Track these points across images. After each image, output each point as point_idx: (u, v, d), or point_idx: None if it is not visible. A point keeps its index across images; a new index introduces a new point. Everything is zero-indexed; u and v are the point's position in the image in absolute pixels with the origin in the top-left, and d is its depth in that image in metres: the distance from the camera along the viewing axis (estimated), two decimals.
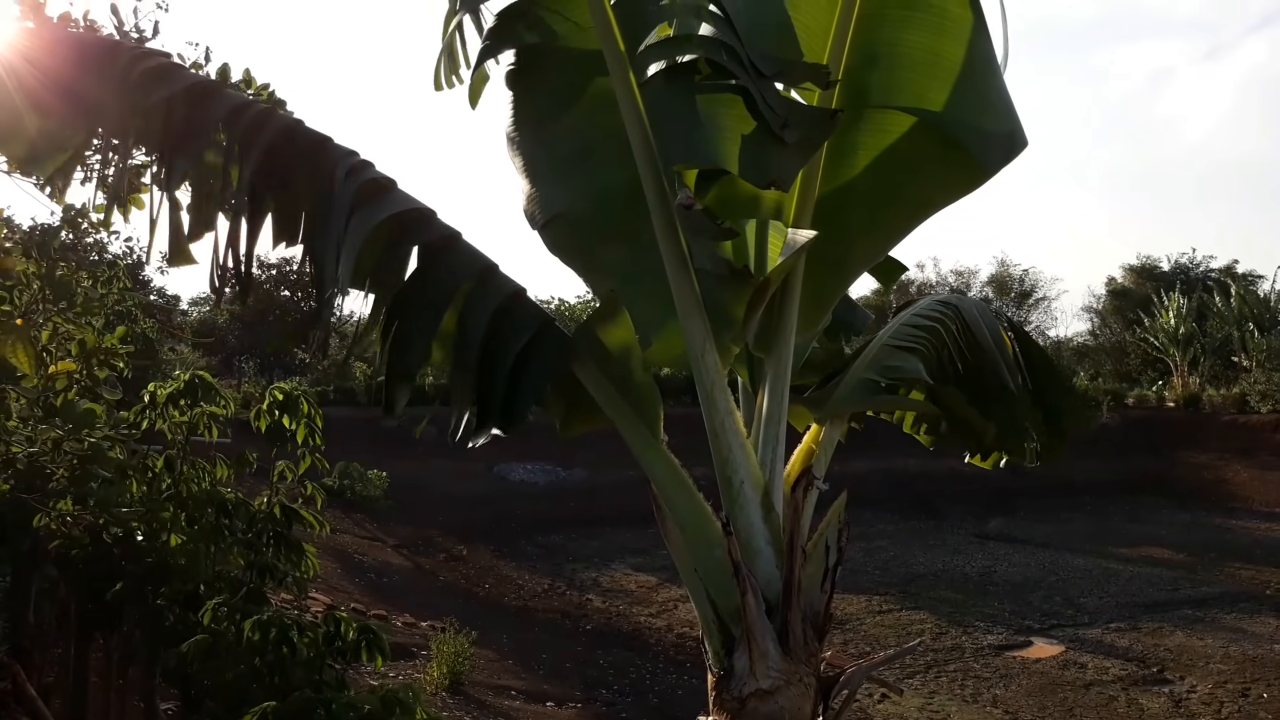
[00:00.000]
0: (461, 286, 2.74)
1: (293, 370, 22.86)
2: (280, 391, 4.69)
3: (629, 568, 16.63)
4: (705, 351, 2.58)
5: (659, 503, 2.73)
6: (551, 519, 19.74)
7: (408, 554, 16.99)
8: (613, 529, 18.49)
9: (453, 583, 15.62)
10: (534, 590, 15.35)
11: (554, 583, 15.77)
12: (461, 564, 16.87)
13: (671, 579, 15.35)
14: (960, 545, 19.06)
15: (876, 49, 2.64)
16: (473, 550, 17.70)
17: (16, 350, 2.77)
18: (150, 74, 2.84)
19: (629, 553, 17.40)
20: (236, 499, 4.73)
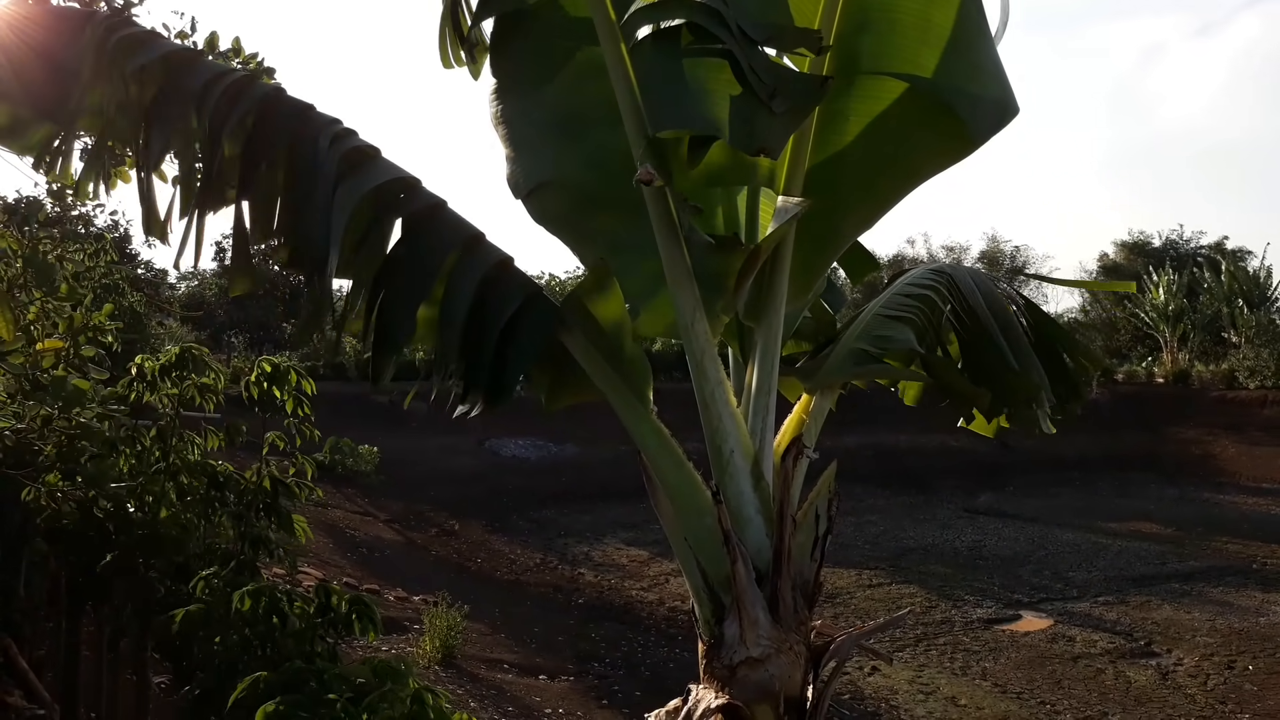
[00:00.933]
0: (448, 256, 2.72)
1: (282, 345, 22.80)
2: (269, 363, 4.67)
3: (620, 542, 16.70)
4: (695, 321, 2.57)
5: (649, 473, 2.72)
6: (543, 494, 19.79)
7: (399, 529, 17.03)
8: (604, 504, 18.56)
9: (445, 557, 15.66)
10: (526, 565, 15.41)
11: (546, 557, 15.83)
12: (453, 539, 16.91)
13: (663, 553, 15.42)
14: (950, 520, 19.18)
15: (868, 15, 2.61)
16: (465, 525, 17.74)
17: None
18: (126, 42, 2.79)
19: (621, 527, 17.46)
20: (227, 471, 4.72)
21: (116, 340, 6.38)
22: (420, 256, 2.67)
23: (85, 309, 6.31)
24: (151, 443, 5.26)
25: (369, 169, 2.71)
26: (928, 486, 22.07)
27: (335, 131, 2.74)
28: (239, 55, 6.06)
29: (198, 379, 5.13)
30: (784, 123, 2.36)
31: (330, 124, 2.77)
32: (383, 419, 19.96)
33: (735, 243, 2.53)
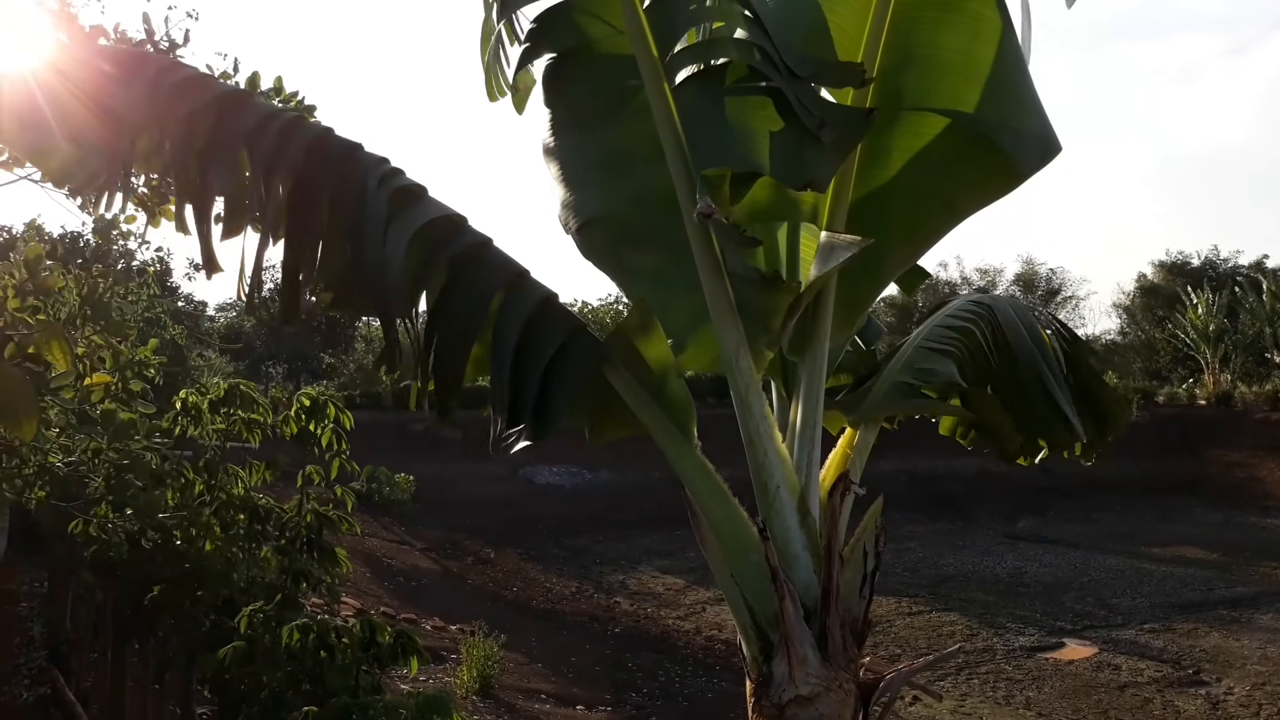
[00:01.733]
0: (495, 294, 2.75)
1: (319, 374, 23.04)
2: (307, 397, 4.72)
3: (656, 570, 16.64)
4: (739, 356, 2.57)
5: (694, 509, 2.72)
6: (578, 521, 19.79)
7: (435, 557, 17.08)
8: (639, 531, 18.52)
9: (480, 586, 15.68)
10: (561, 593, 15.38)
11: (581, 585, 15.80)
12: (489, 567, 16.93)
13: (699, 581, 15.34)
14: (989, 546, 18.94)
15: (911, 51, 2.62)
16: (500, 553, 17.77)
17: (52, 348, 2.80)
18: (180, 85, 2.86)
19: (655, 555, 17.41)
20: (269, 505, 4.77)
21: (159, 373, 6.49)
22: (469, 295, 2.70)
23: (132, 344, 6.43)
24: (196, 476, 5.33)
25: (417, 209, 2.75)
26: (966, 512, 21.82)
27: (383, 171, 2.78)
28: (280, 94, 6.16)
29: (244, 414, 5.20)
30: (830, 156, 2.37)
31: (378, 163, 2.81)
32: (417, 447, 20.10)
33: (778, 280, 2.54)
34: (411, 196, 2.78)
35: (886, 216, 2.74)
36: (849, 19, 2.67)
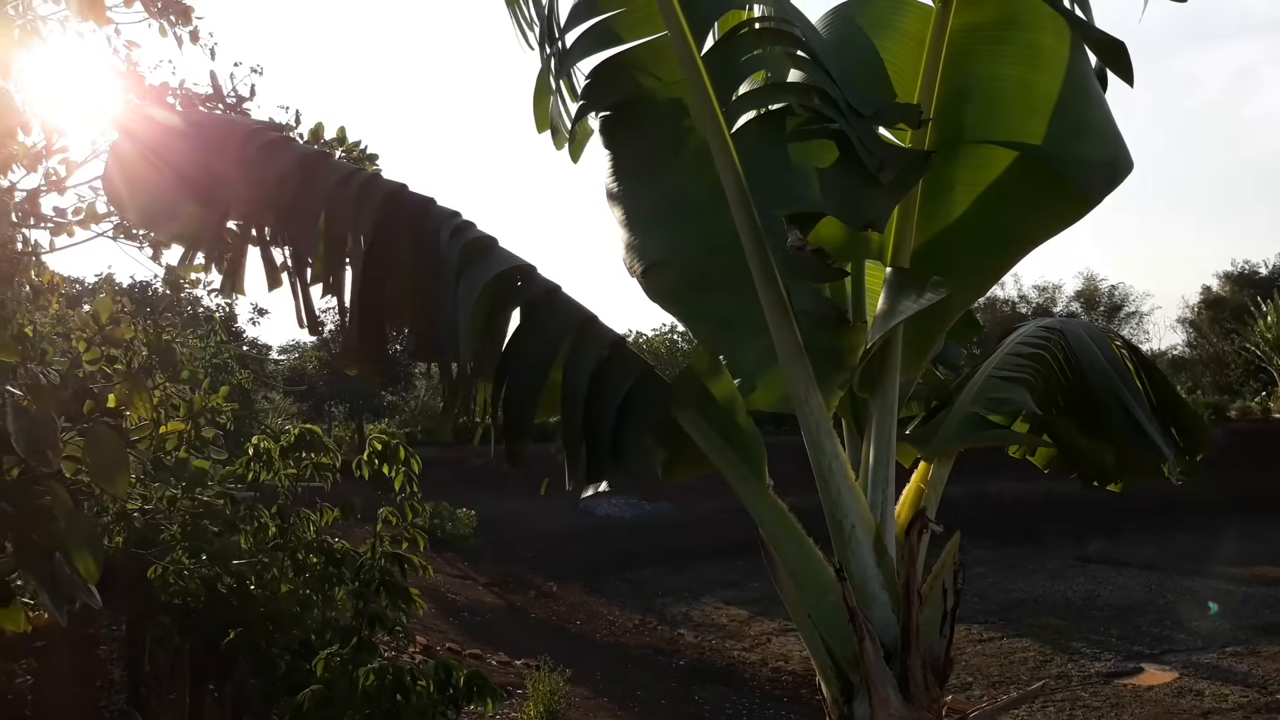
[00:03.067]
0: (565, 339, 2.79)
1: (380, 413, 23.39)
2: (380, 441, 4.81)
3: (719, 601, 16.51)
4: (809, 395, 2.58)
5: (767, 549, 2.73)
6: (639, 553, 19.73)
7: (498, 592, 17.14)
8: (701, 562, 18.41)
9: (544, 620, 15.69)
10: (625, 626, 15.33)
11: (645, 618, 15.73)
12: (552, 601, 16.94)
13: (763, 612, 15.19)
14: (1060, 569, 18.49)
15: (968, 84, 2.63)
16: (562, 587, 17.77)
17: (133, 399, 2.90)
18: (266, 149, 2.98)
19: (718, 586, 17.27)
20: (344, 548, 4.85)
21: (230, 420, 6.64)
22: (540, 342, 2.75)
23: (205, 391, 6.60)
24: (270, 520, 5.44)
25: (487, 260, 2.81)
26: (1035, 535, 21.35)
27: (455, 225, 2.85)
28: (344, 144, 6.34)
29: (315, 458, 5.30)
30: (890, 196, 2.38)
31: (450, 217, 2.89)
32: (478, 482, 20.26)
33: (846, 319, 2.54)
34: (482, 248, 2.84)
35: (953, 251, 2.73)
36: (904, 56, 2.69)
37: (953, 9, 2.58)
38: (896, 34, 2.70)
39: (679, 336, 26.79)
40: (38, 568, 1.94)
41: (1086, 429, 3.32)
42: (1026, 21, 2.53)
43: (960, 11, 2.58)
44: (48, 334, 7.75)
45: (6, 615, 2.00)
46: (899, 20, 2.72)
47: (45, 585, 1.92)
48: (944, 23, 2.59)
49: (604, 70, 2.75)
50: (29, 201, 7.10)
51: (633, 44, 2.68)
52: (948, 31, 2.59)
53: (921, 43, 2.63)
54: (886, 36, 2.70)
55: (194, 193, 3.15)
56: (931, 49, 2.61)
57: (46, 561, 1.95)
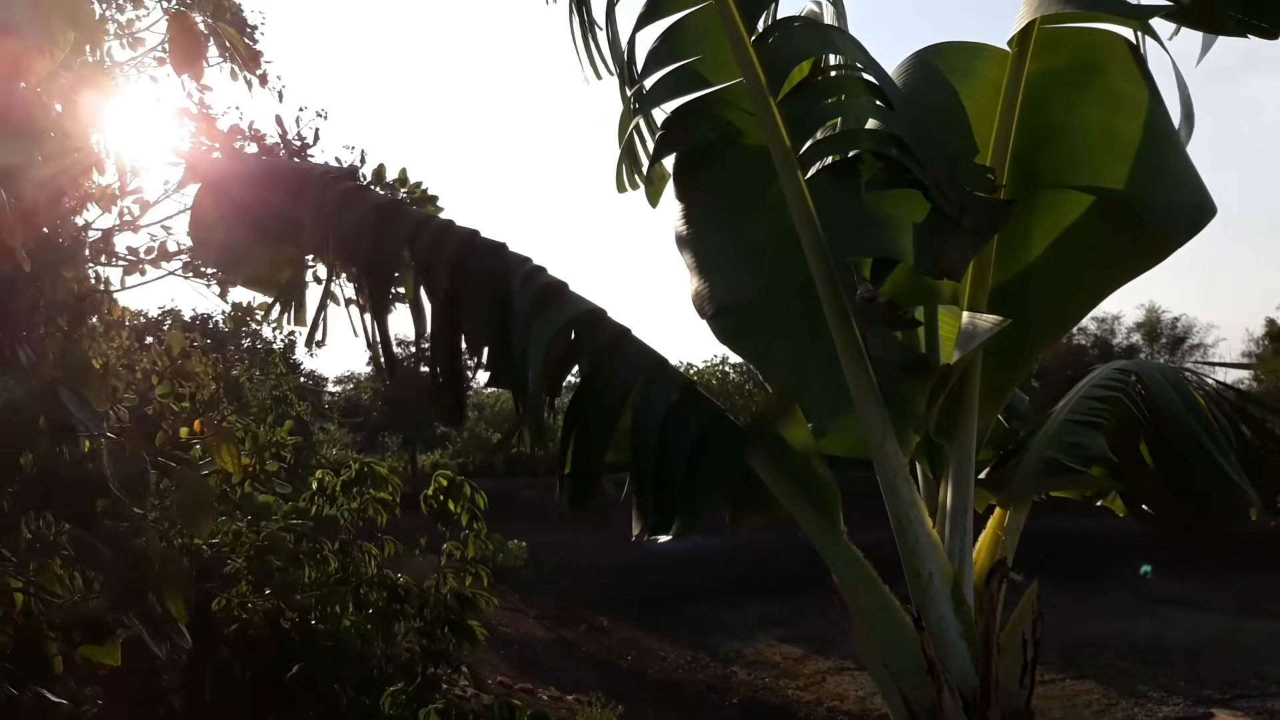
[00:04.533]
0: (634, 384, 2.80)
1: (433, 444, 23.60)
2: (445, 477, 4.85)
3: (773, 639, 16.32)
4: (885, 441, 2.55)
5: (841, 596, 2.69)
6: (691, 588, 19.59)
7: (549, 625, 17.12)
8: (754, 599, 18.24)
9: (595, 654, 15.63)
10: (677, 662, 15.21)
11: (697, 655, 15.60)
12: (603, 635, 16.88)
13: (817, 650, 14.99)
14: (1125, 609, 18.02)
15: (1045, 129, 2.61)
16: (613, 621, 17.71)
17: (222, 451, 2.96)
18: (342, 196, 3.05)
19: (772, 623, 17.09)
20: (407, 583, 4.88)
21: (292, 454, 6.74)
22: (610, 386, 2.76)
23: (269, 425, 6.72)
24: (332, 554, 5.50)
25: (559, 304, 2.83)
26: (1098, 573, 20.83)
27: (527, 270, 2.88)
28: (406, 185, 6.46)
29: (375, 493, 5.36)
30: (969, 244, 2.37)
31: (522, 262, 2.92)
32: (528, 513, 20.31)
33: (922, 364, 2.52)
34: (553, 293, 2.87)
35: (1029, 296, 2.71)
36: (981, 101, 2.68)
37: (1029, 55, 2.57)
38: (974, 79, 2.70)
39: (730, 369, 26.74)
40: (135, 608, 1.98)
41: (1164, 474, 3.25)
42: (1104, 67, 2.51)
43: (1037, 57, 2.57)
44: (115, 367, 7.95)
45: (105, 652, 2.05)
46: (976, 66, 2.71)
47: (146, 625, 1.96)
48: (1020, 68, 2.58)
49: (680, 115, 2.77)
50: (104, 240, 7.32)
51: (709, 90, 2.70)
52: (1024, 77, 2.58)
53: (998, 88, 2.62)
54: (964, 82, 2.69)
55: (274, 239, 3.24)
56: (1008, 94, 2.60)
57: (143, 602, 2.00)
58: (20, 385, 2.29)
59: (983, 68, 2.70)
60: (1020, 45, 2.56)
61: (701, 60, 2.66)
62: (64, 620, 2.13)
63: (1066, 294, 2.70)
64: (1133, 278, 2.66)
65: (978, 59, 2.72)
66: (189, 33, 2.77)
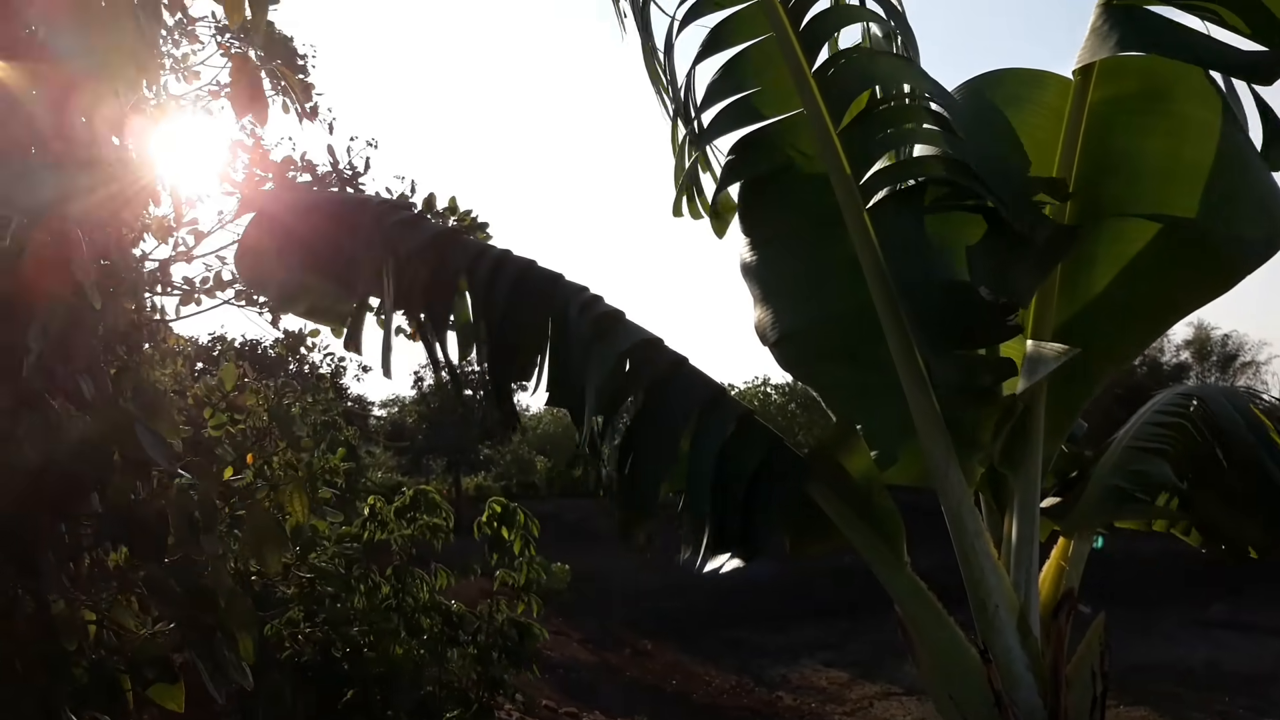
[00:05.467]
0: (691, 412, 2.80)
1: (477, 467, 23.71)
2: (499, 504, 4.87)
3: (819, 663, 16.12)
4: (949, 471, 2.53)
5: (905, 628, 2.67)
6: (735, 612, 19.41)
7: (593, 648, 17.05)
8: (799, 622, 18.04)
9: (639, 678, 15.53)
10: (722, 687, 15.07)
11: (741, 679, 15.45)
12: (647, 659, 16.78)
13: (864, 675, 14.80)
14: (1178, 633, 17.57)
15: (1111, 157, 2.59)
16: (657, 644, 17.60)
17: (293, 498, 3.00)
18: (399, 227, 3.09)
19: (818, 647, 16.88)
20: (461, 610, 4.90)
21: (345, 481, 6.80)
22: (666, 416, 2.76)
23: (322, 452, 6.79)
24: (384, 580, 5.53)
25: (616, 333, 2.85)
26: (1148, 596, 20.33)
27: (584, 299, 2.90)
28: (455, 212, 6.55)
29: (429, 519, 5.39)
30: (1034, 271, 2.35)
31: (578, 291, 2.94)
32: (572, 535, 20.29)
33: (987, 393, 2.49)
34: (611, 322, 2.88)
35: (1094, 324, 2.67)
36: (1041, 130, 2.67)
37: (1093, 82, 2.55)
38: (1033, 107, 2.68)
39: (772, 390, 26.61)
40: (202, 648, 2.00)
41: (1230, 501, 3.18)
42: (1172, 94, 2.49)
43: (1101, 84, 2.55)
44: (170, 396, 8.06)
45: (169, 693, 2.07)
46: (1036, 94, 2.70)
47: (210, 665, 1.98)
48: (1084, 95, 2.56)
49: (743, 145, 2.78)
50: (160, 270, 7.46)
51: (770, 120, 2.71)
52: (1088, 104, 2.56)
53: (1060, 116, 2.60)
54: (1022, 111, 2.68)
55: (329, 270, 3.29)
56: (1070, 122, 2.58)
57: (209, 641, 2.02)
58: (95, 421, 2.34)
59: (1044, 95, 2.68)
60: (1083, 73, 2.54)
61: (762, 92, 2.67)
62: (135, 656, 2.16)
63: (1131, 323, 2.67)
64: (1199, 306, 2.62)
65: (1039, 87, 2.70)
66: (251, 76, 2.83)
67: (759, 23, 2.62)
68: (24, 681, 2.12)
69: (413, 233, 3.09)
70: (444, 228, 3.21)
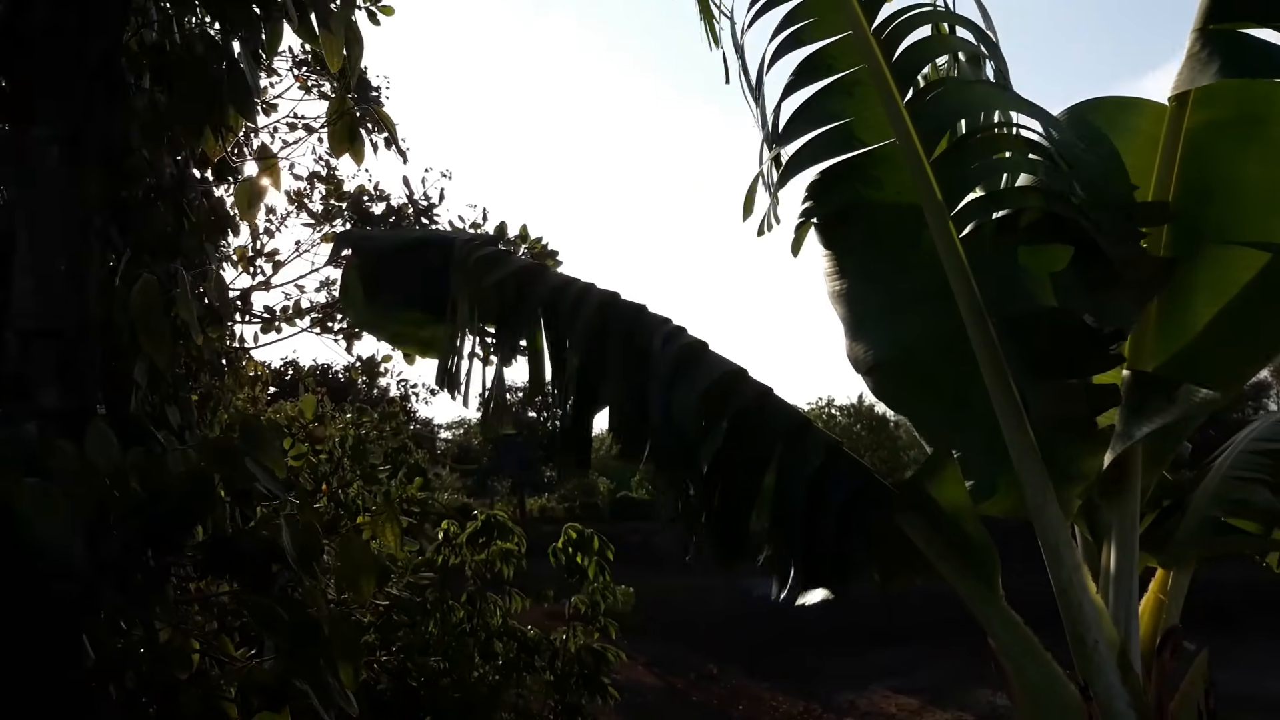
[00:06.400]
0: (778, 444, 2.79)
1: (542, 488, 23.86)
2: (575, 530, 4.89)
3: (887, 689, 15.87)
4: (1046, 504, 2.49)
5: (1000, 663, 2.62)
6: (802, 636, 19.19)
7: (658, 673, 16.99)
8: (867, 647, 17.78)
9: (705, 704, 15.43)
10: (789, 713, 14.90)
11: (809, 705, 15.26)
12: (713, 684, 16.66)
13: (934, 701, 14.53)
14: (1266, 663, 16.95)
15: (1209, 183, 2.54)
16: (723, 669, 17.48)
17: (385, 530, 3.05)
18: (484, 260, 3.15)
19: (885, 673, 16.62)
20: (537, 636, 4.92)
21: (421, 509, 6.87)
22: (752, 449, 2.75)
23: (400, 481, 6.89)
24: (458, 606, 5.59)
25: (700, 366, 2.85)
26: (1232, 624, 19.64)
27: (668, 331, 2.92)
28: (526, 240, 6.63)
29: (501, 544, 5.44)
30: (1132, 302, 2.31)
31: (662, 323, 2.96)
32: (635, 558, 20.24)
33: (1085, 424, 2.45)
34: (694, 354, 2.89)
35: (1196, 354, 2.61)
36: (1137, 156, 2.63)
37: (1189, 108, 2.50)
38: (1128, 134, 2.65)
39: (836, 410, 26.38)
40: (309, 675, 2.05)
41: None
42: (1273, 118, 2.43)
43: (1197, 110, 2.51)
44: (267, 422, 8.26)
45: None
46: (1130, 120, 2.66)
47: (320, 694, 2.02)
48: (1179, 121, 2.52)
49: (830, 173, 2.78)
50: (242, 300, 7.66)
51: (860, 150, 2.71)
52: (1183, 130, 2.52)
53: (1154, 142, 2.56)
54: (1118, 136, 2.64)
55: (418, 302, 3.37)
56: (1166, 148, 2.54)
57: (315, 669, 2.07)
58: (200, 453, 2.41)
59: (1138, 122, 2.65)
60: (1179, 99, 2.50)
61: (852, 122, 2.67)
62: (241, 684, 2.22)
63: (1234, 351, 2.60)
64: None
65: (1133, 114, 2.67)
66: (349, 119, 2.91)
67: (851, 54, 2.63)
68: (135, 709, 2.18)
69: (496, 265, 3.14)
70: (527, 261, 3.25)
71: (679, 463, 2.78)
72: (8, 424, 2.24)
